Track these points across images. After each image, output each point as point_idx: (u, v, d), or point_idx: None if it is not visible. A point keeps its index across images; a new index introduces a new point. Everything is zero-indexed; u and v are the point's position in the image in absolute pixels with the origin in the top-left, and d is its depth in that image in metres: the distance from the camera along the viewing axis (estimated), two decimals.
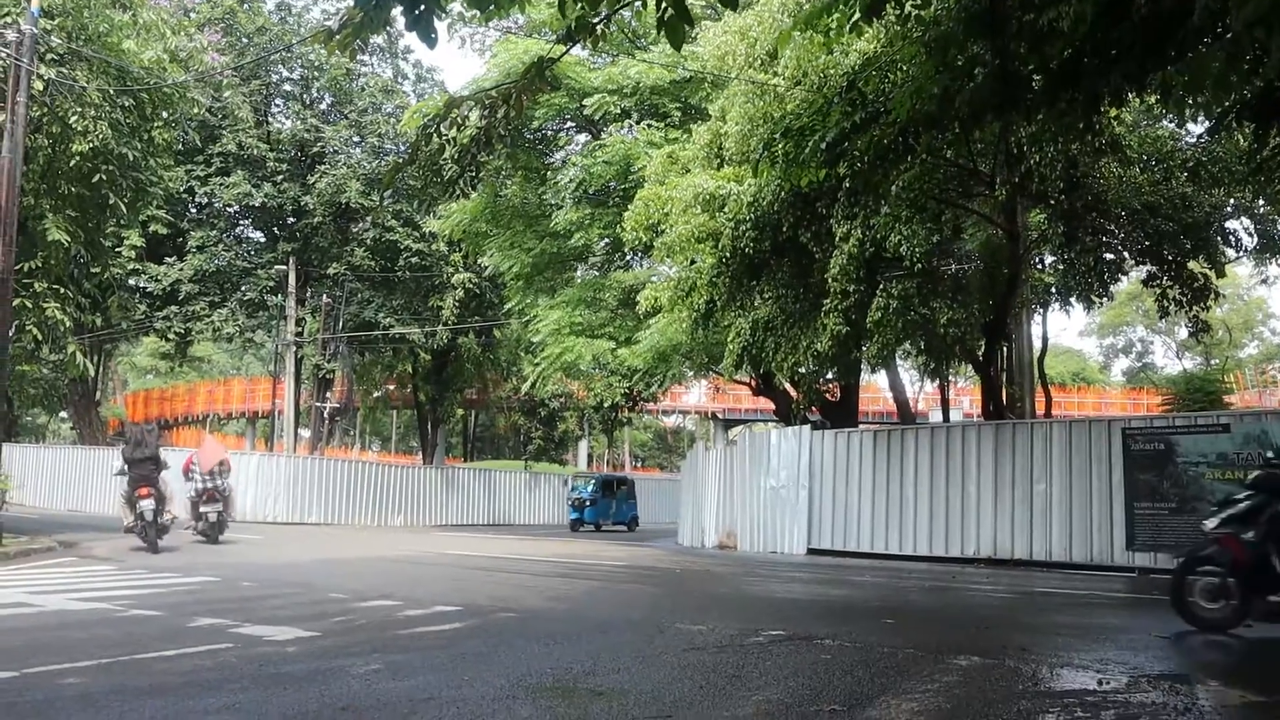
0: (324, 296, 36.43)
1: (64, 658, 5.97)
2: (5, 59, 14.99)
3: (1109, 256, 17.17)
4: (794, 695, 5.21)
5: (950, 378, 27.97)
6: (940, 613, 9.98)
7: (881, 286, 15.55)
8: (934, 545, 17.00)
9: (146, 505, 15.23)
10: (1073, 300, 19.73)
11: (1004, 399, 19.60)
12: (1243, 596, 7.67)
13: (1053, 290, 20.09)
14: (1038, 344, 21.97)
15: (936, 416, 30.50)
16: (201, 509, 17.30)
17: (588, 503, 33.92)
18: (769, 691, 5.30)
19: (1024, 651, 6.71)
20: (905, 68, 11.50)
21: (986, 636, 7.78)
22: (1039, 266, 20.24)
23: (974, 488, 16.66)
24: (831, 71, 14.21)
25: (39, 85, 15.76)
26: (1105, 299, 19.06)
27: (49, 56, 16.36)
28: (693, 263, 18.70)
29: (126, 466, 15.83)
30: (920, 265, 14.76)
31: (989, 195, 16.46)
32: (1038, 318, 22.61)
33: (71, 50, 16.78)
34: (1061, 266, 18.58)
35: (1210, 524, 8.03)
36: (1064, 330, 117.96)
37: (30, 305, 17.43)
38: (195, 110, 21.87)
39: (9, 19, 15.82)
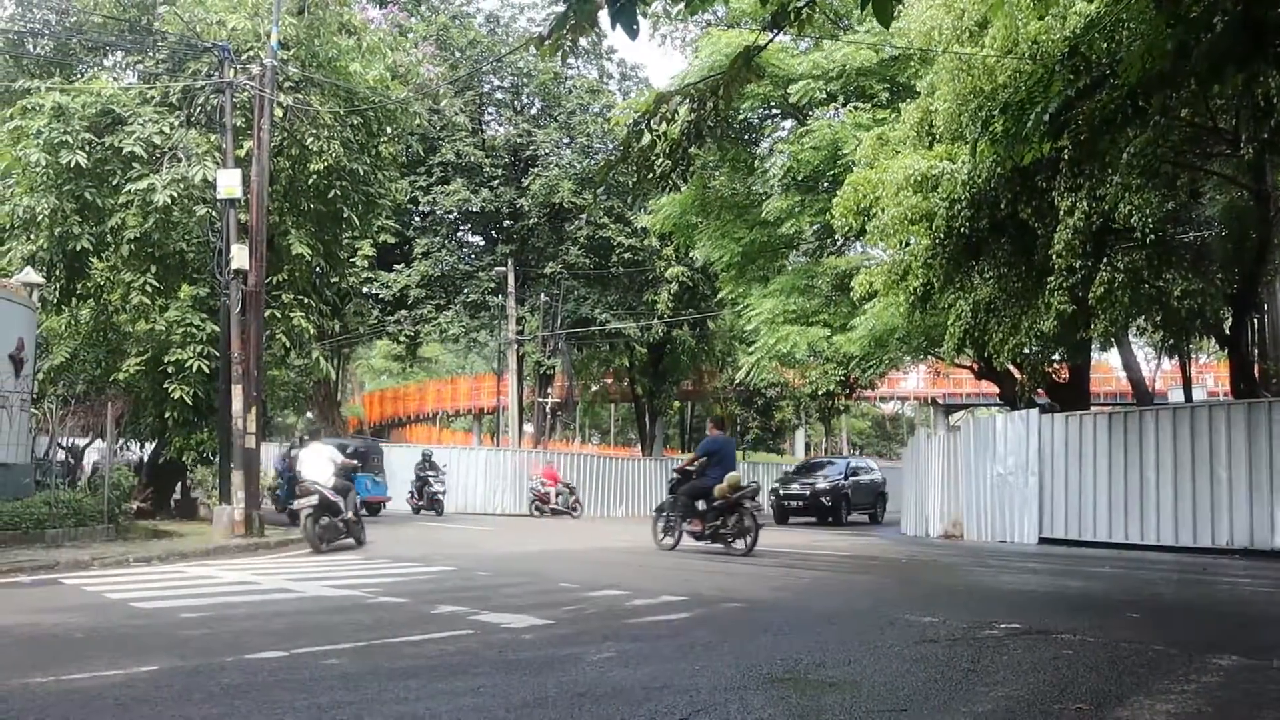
0: (542, 295, 37.61)
1: (324, 640, 6.44)
2: (251, 90, 16.23)
3: None
4: (1035, 692, 5.01)
5: (1191, 354, 26.09)
6: (1192, 607, 9.34)
7: (1106, 260, 14.65)
8: (1179, 535, 15.91)
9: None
10: None
11: (1256, 375, 18.13)
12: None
13: None
14: None
15: (1176, 396, 28.53)
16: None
17: None
18: (1008, 687, 5.12)
19: None
20: (1133, 26, 10.80)
21: (1249, 634, 7.24)
22: None
23: (1225, 472, 15.47)
24: (1044, 38, 13.51)
25: (279, 112, 16.98)
26: None
27: (286, 84, 17.58)
28: (906, 245, 18.20)
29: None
30: (1153, 235, 13.82)
31: (1232, 155, 15.22)
32: None
33: (305, 77, 17.98)
34: None
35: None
36: None
37: (279, 315, 18.80)
38: (416, 122, 22.99)
39: (251, 53, 17.10)
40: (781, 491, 28.70)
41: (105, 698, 4.82)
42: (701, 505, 14.33)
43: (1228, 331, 17.70)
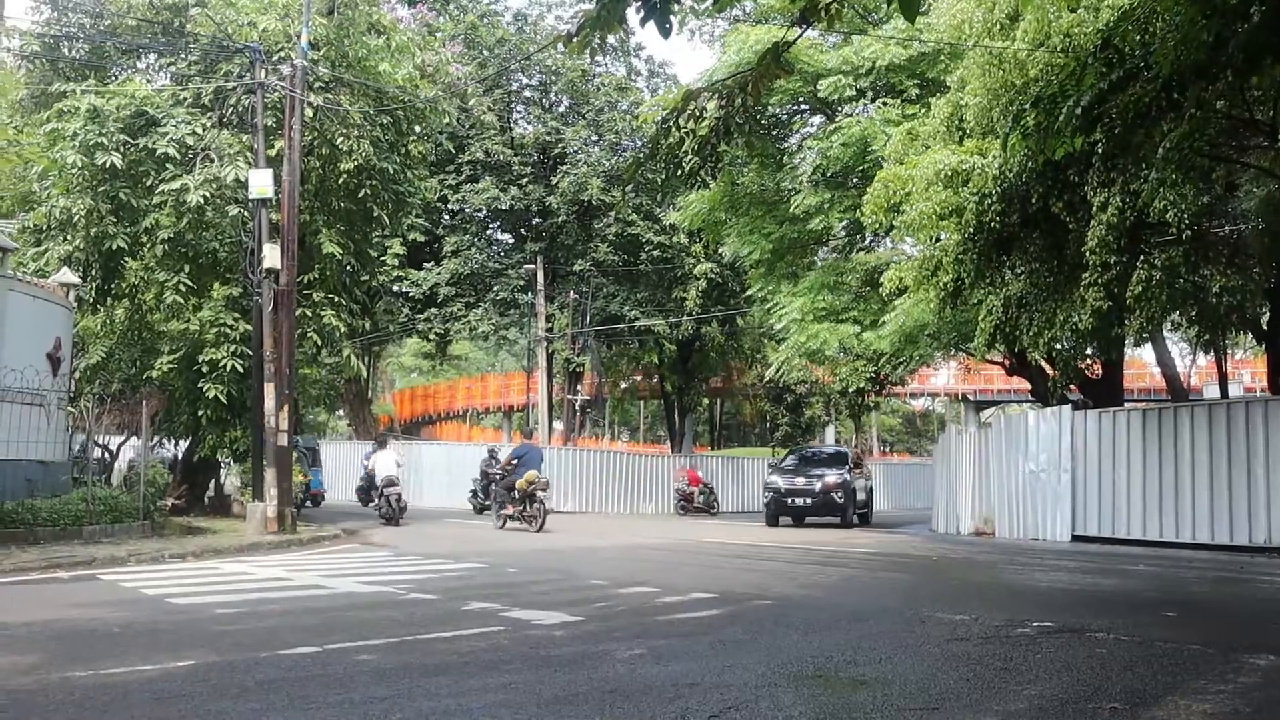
0: (571, 293, 37.68)
1: (357, 636, 6.49)
2: (282, 90, 16.36)
3: None
4: (1069, 691, 4.98)
5: (1227, 349, 25.78)
6: (1229, 606, 9.24)
7: (1142, 257, 14.47)
8: (1215, 532, 15.72)
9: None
10: None
11: None
12: None
13: None
14: None
15: (1212, 392, 28.24)
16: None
17: None
18: (1041, 685, 5.08)
19: None
20: (1167, 17, 10.66)
21: None
22: None
23: (1262, 469, 15.25)
24: (1076, 31, 13.37)
25: (309, 112, 17.09)
26: None
27: (316, 84, 17.69)
28: (937, 240, 18.08)
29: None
30: (1189, 230, 13.64)
31: (1269, 147, 14.99)
32: None
33: (335, 77, 18.09)
34: None
35: None
36: None
37: (311, 314, 18.94)
38: (445, 121, 23.09)
39: (282, 53, 17.22)
40: (783, 487, 24.38)
41: (142, 692, 4.89)
42: (515, 494, 19.04)
43: (1265, 326, 17.46)
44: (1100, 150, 13.31)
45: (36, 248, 17.78)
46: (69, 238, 17.26)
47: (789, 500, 24.12)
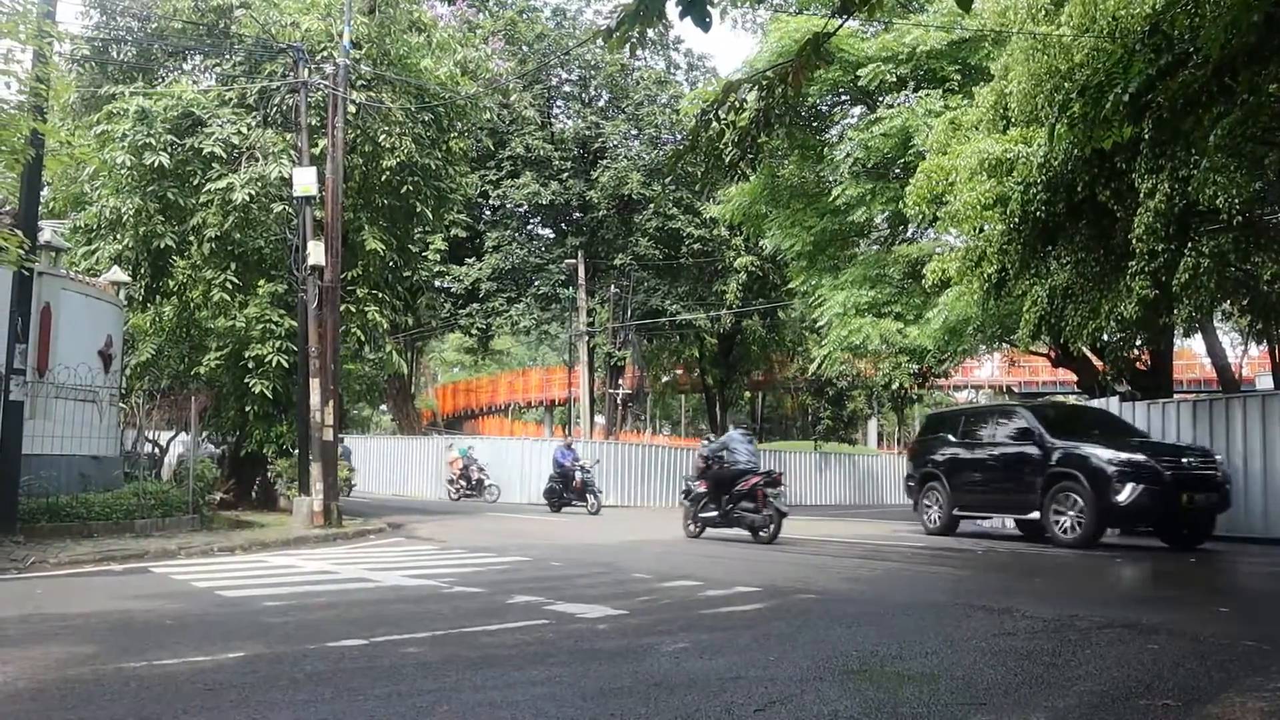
0: (612, 287, 37.72)
1: (403, 629, 6.54)
2: (325, 89, 16.51)
3: None
4: (1120, 687, 4.90)
5: None
6: None
7: (1190, 243, 14.20)
8: (1270, 526, 15.42)
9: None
10: None
11: None
12: None
13: None
14: None
15: (1265, 383, 27.73)
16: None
17: None
18: (1092, 682, 5.02)
19: None
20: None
21: None
22: None
23: None
24: (1123, 14, 13.13)
25: (352, 110, 17.22)
26: None
27: (359, 83, 17.83)
28: (980, 231, 17.87)
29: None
30: (1240, 216, 13.37)
31: None
32: None
33: (377, 75, 18.23)
34: None
35: None
36: None
37: (354, 310, 19.12)
38: (485, 117, 23.19)
39: (325, 52, 17.38)
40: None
41: (195, 682, 4.96)
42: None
43: None
44: (1148, 137, 13.09)
45: (88, 247, 18.10)
46: (119, 237, 17.55)
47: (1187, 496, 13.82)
